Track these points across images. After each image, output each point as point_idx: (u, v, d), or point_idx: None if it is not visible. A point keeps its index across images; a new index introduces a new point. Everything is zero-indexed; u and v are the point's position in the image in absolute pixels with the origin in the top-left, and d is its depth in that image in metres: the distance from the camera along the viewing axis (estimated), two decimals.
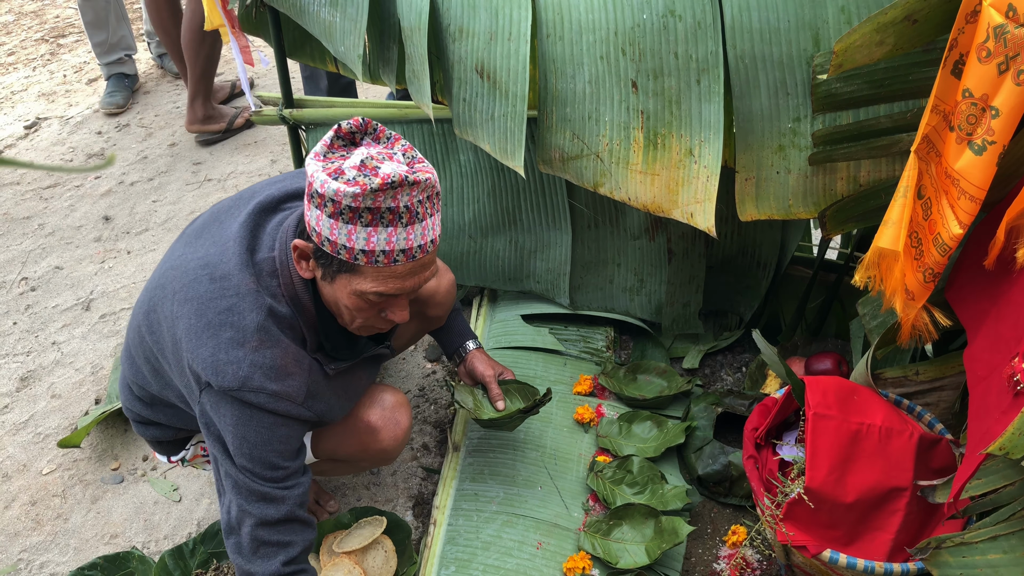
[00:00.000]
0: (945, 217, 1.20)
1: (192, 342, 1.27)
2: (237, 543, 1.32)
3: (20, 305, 2.60)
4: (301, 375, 1.31)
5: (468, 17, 1.62)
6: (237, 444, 1.28)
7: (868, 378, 1.55)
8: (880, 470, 1.37)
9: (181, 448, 1.60)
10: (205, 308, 1.27)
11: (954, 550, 1.19)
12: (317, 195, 1.16)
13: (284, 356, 1.28)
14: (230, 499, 1.31)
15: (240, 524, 1.31)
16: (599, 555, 1.64)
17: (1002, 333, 1.22)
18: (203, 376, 1.26)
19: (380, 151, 1.20)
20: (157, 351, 1.39)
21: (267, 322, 1.27)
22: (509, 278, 2.26)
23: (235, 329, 1.26)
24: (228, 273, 1.29)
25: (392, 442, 1.53)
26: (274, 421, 1.29)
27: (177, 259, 1.38)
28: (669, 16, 1.47)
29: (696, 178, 1.55)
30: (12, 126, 3.67)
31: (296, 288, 1.31)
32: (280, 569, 1.31)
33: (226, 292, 1.28)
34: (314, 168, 1.17)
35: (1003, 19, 1.03)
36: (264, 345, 1.27)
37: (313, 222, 1.19)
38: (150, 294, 1.40)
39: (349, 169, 1.15)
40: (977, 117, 1.10)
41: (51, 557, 1.83)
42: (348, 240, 1.17)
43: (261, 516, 1.30)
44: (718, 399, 1.92)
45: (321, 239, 1.20)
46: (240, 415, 1.27)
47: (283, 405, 1.28)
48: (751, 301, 2.17)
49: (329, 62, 2.24)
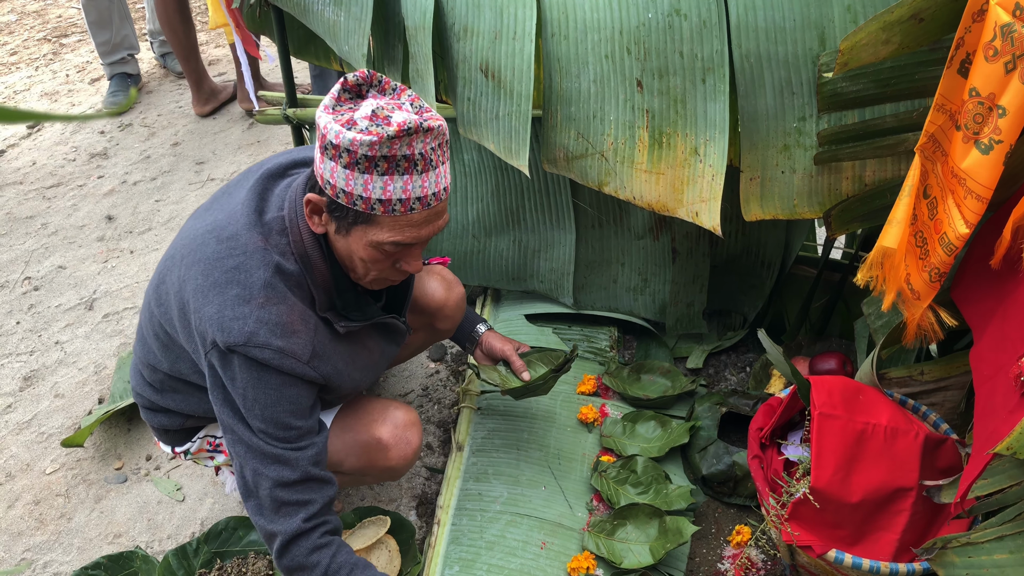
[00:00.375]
0: (951, 217, 1.19)
1: (199, 301, 1.26)
2: (257, 505, 1.32)
3: (23, 304, 2.60)
4: (307, 333, 1.29)
5: (473, 16, 1.62)
6: (248, 405, 1.28)
7: (873, 378, 1.55)
8: (886, 470, 1.37)
9: (187, 440, 1.59)
10: (211, 268, 1.27)
11: (960, 550, 1.19)
12: (332, 146, 1.15)
13: (290, 313, 1.27)
14: (244, 463, 1.31)
15: (257, 487, 1.30)
16: (603, 555, 1.63)
17: (1008, 332, 1.21)
18: (209, 334, 1.25)
19: (389, 101, 1.19)
20: (165, 321, 1.38)
21: (274, 279, 1.27)
22: (513, 278, 2.26)
23: (241, 286, 1.25)
24: (235, 233, 1.29)
25: (401, 461, 1.52)
26: (282, 380, 1.28)
27: (186, 231, 1.39)
28: (674, 15, 1.47)
29: (701, 177, 1.55)
30: (15, 125, 3.67)
31: (306, 245, 1.29)
32: (302, 525, 1.30)
33: (233, 251, 1.27)
34: (326, 120, 1.16)
35: (1010, 18, 1.03)
36: (270, 302, 1.26)
37: (327, 174, 1.18)
38: (160, 269, 1.42)
39: (361, 119, 1.14)
40: (984, 116, 1.10)
41: (55, 557, 1.83)
42: (364, 190, 1.17)
43: (277, 478, 1.29)
44: (722, 399, 1.92)
45: (336, 191, 1.19)
46: (249, 374, 1.26)
47: (288, 362, 1.26)
48: (755, 301, 2.16)
49: (334, 61, 2.25)
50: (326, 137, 1.16)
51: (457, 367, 2.25)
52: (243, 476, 1.32)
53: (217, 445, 1.58)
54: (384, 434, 1.50)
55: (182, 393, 1.50)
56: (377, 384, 2.18)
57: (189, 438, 1.59)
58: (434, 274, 1.74)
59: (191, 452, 1.61)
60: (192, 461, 1.66)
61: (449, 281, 1.75)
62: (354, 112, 1.17)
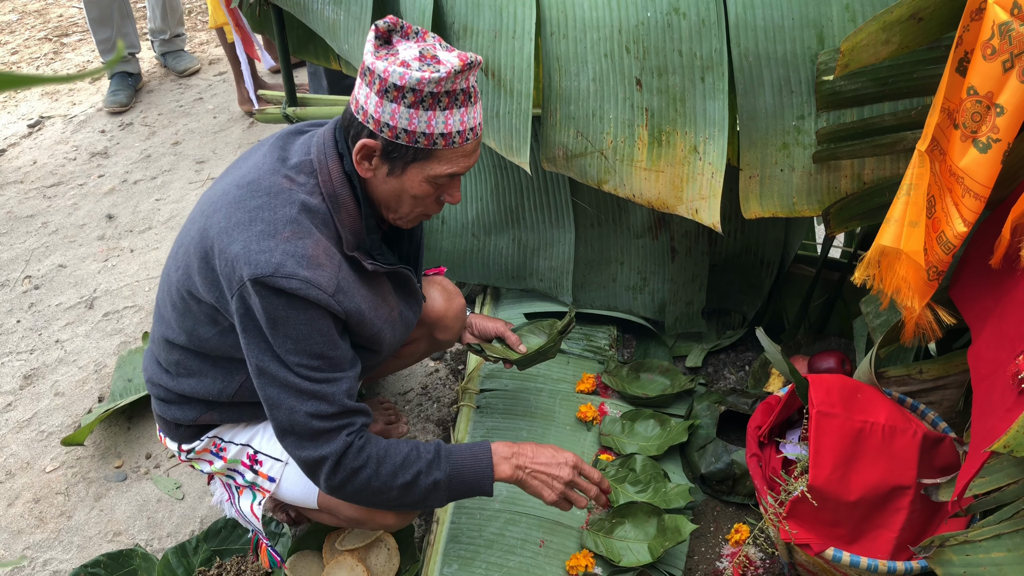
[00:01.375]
0: (949, 215, 1.19)
1: (223, 242, 1.28)
2: (296, 440, 1.32)
3: (24, 303, 2.60)
4: (331, 268, 1.30)
5: (472, 15, 1.62)
6: (280, 339, 1.28)
7: (872, 376, 1.55)
8: (884, 468, 1.37)
9: (195, 439, 1.58)
10: (234, 210, 1.29)
11: (958, 548, 1.19)
12: (395, 88, 1.21)
13: (316, 247, 1.29)
14: (279, 404, 1.30)
15: (294, 424, 1.30)
16: (602, 553, 1.63)
17: (1006, 331, 1.22)
18: (236, 271, 1.26)
19: (423, 45, 1.26)
20: (184, 281, 1.39)
21: (300, 215, 1.29)
22: (512, 276, 2.26)
23: (265, 223, 1.27)
24: (257, 178, 1.32)
25: (400, 522, 1.54)
26: (312, 313, 1.28)
27: (204, 198, 1.42)
28: (673, 14, 1.47)
29: (701, 175, 1.55)
30: (16, 125, 3.68)
31: (335, 184, 1.33)
32: (347, 439, 1.31)
33: (256, 193, 1.30)
34: (383, 65, 1.22)
35: (1008, 16, 1.03)
36: (296, 236, 1.27)
37: (386, 117, 1.24)
38: (179, 237, 1.44)
39: (413, 61, 1.22)
40: (982, 115, 1.10)
41: (54, 555, 1.83)
42: (428, 126, 1.24)
43: (315, 411, 1.29)
44: (721, 397, 1.92)
45: (396, 132, 1.25)
46: (278, 307, 1.26)
47: (315, 292, 1.26)
48: (754, 299, 2.17)
49: (333, 60, 2.25)
50: (387, 80, 1.21)
51: (456, 366, 2.26)
52: (278, 419, 1.32)
53: (221, 448, 1.57)
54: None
55: (196, 376, 1.48)
56: (377, 383, 2.18)
57: (197, 436, 1.59)
58: (435, 284, 1.75)
59: (195, 451, 1.60)
60: (191, 465, 1.65)
61: (450, 292, 1.76)
62: (399, 56, 1.23)
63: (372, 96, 1.24)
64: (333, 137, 1.34)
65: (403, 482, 1.33)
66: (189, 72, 3.99)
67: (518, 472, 1.42)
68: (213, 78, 3.97)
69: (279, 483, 1.52)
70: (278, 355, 1.29)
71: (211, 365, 1.46)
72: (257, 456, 1.53)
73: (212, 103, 3.75)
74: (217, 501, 1.74)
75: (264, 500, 1.54)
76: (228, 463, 1.56)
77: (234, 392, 1.46)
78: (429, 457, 1.35)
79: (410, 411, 2.11)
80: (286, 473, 1.51)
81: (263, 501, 1.54)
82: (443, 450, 1.38)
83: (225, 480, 1.63)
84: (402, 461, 1.33)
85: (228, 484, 1.63)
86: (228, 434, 1.55)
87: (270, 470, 1.52)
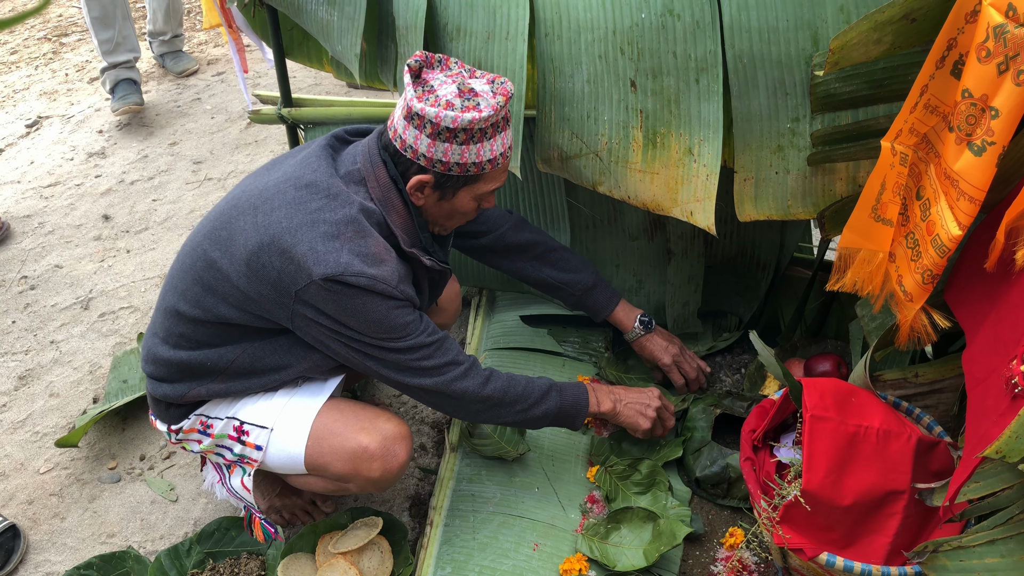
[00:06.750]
0: (944, 218, 1.19)
1: (286, 240, 1.35)
2: (456, 404, 1.52)
3: (19, 303, 2.60)
4: (391, 262, 1.40)
5: (466, 16, 1.61)
6: (364, 328, 1.40)
7: (867, 380, 1.54)
8: (878, 473, 1.36)
9: (183, 417, 1.58)
10: (295, 211, 1.37)
11: (952, 554, 1.18)
12: (447, 131, 1.32)
13: (376, 244, 1.39)
14: (404, 381, 1.47)
15: (409, 369, 1.45)
16: (596, 558, 1.63)
17: (1001, 335, 1.21)
18: (304, 272, 1.34)
19: (456, 78, 1.37)
20: (223, 261, 1.43)
21: (359, 216, 1.38)
22: (507, 279, 2.25)
23: (328, 224, 1.36)
24: (315, 181, 1.40)
25: (386, 473, 1.52)
26: (382, 302, 1.38)
27: (247, 186, 1.48)
28: (668, 15, 1.47)
29: (696, 176, 1.54)
30: (14, 124, 3.67)
31: (383, 189, 1.43)
32: (484, 373, 1.52)
33: (316, 195, 1.39)
34: (434, 111, 1.31)
35: (1003, 19, 1.02)
36: (358, 235, 1.37)
37: (440, 155, 1.36)
38: (215, 218, 1.48)
39: (455, 99, 1.32)
40: (976, 118, 1.09)
41: (47, 556, 1.83)
42: (478, 156, 1.37)
43: (421, 355, 1.44)
44: (717, 400, 1.92)
45: (448, 166, 1.37)
46: (351, 301, 1.36)
47: (381, 287, 1.37)
48: (750, 302, 2.16)
49: (326, 62, 2.24)
50: (439, 124, 1.32)
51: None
52: (417, 393, 1.50)
53: (208, 425, 1.57)
54: (371, 443, 1.50)
55: (199, 348, 1.51)
56: (372, 384, 2.17)
57: (185, 416, 1.59)
58: None
59: (183, 431, 1.60)
60: (182, 447, 1.65)
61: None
62: (438, 94, 1.33)
63: (423, 138, 1.35)
64: (377, 147, 1.44)
65: (524, 406, 1.56)
66: (187, 73, 3.98)
67: (616, 405, 1.68)
68: (211, 78, 3.97)
69: (266, 450, 1.53)
70: (373, 344, 1.42)
71: (219, 336, 1.50)
72: (243, 427, 1.55)
73: (210, 103, 3.75)
74: (208, 485, 1.75)
75: (252, 472, 1.57)
76: (215, 439, 1.57)
77: (233, 359, 1.50)
78: (544, 388, 1.59)
79: (405, 412, 2.11)
80: (272, 439, 1.52)
81: (252, 473, 1.57)
82: (555, 386, 1.61)
83: (214, 459, 1.65)
84: (523, 388, 1.56)
85: (218, 464, 1.66)
86: (214, 411, 1.57)
87: (257, 438, 1.53)
